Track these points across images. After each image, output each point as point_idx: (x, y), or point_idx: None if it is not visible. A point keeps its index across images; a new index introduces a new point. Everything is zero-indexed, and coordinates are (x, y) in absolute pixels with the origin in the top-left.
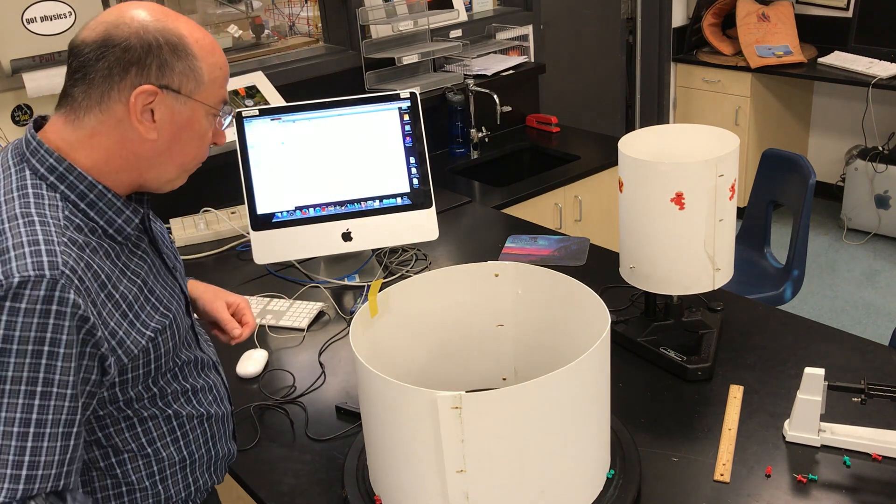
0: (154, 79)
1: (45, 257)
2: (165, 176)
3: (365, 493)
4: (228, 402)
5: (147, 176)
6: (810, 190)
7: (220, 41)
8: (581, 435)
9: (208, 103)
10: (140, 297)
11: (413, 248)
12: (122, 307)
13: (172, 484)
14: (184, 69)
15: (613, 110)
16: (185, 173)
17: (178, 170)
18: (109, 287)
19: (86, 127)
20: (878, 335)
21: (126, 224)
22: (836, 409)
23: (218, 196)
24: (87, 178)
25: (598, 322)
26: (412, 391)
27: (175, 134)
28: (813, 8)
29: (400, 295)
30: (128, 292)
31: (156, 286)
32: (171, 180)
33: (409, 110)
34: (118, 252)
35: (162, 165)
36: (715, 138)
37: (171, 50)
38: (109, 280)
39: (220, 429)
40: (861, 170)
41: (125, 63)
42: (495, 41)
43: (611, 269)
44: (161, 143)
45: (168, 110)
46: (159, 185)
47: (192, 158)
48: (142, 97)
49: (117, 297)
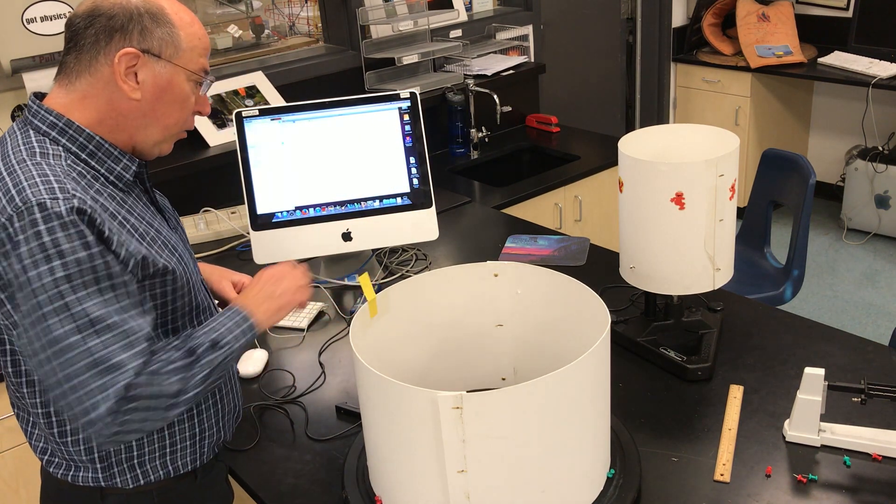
0: (136, 43)
1: (56, 184)
2: (153, 137)
3: (365, 493)
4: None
5: (136, 137)
6: (810, 190)
7: (219, 41)
8: (581, 434)
9: (188, 68)
10: (150, 233)
11: (413, 248)
12: (135, 235)
13: (179, 431)
14: (163, 35)
15: (613, 110)
16: (170, 137)
17: (162, 132)
18: (120, 218)
19: (78, 90)
20: (878, 335)
21: (125, 171)
22: (836, 409)
23: (218, 196)
24: (84, 131)
25: (598, 322)
26: (413, 391)
27: (157, 95)
28: (813, 8)
29: (400, 295)
30: (138, 226)
31: (162, 230)
32: (157, 142)
33: (409, 110)
34: (123, 198)
35: (148, 126)
36: (715, 138)
37: (152, 18)
38: (118, 213)
39: (227, 383)
40: (861, 170)
41: (110, 29)
42: (495, 41)
43: (611, 269)
44: (145, 103)
45: (150, 72)
46: (149, 148)
47: (175, 122)
48: (125, 58)
49: (128, 227)
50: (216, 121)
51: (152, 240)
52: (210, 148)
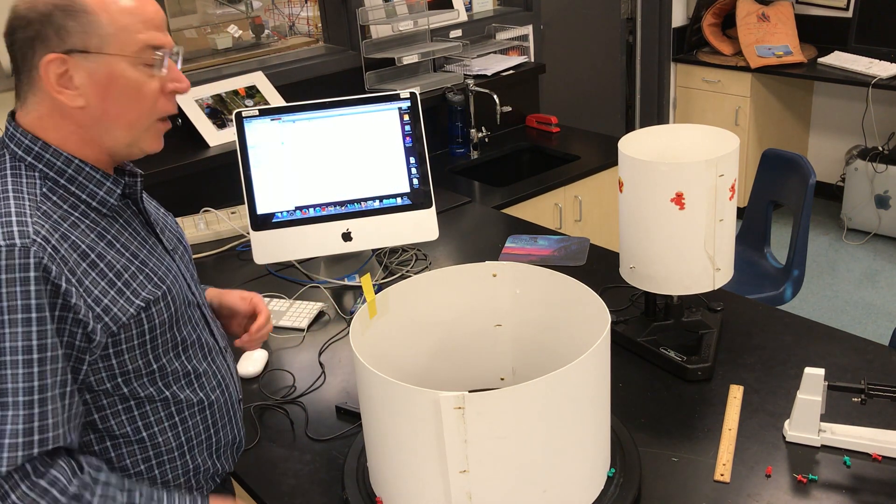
0: (56, 46)
1: (16, 227)
2: (122, 140)
3: (365, 494)
4: (236, 389)
5: (105, 144)
6: (810, 190)
7: (219, 41)
8: (582, 434)
9: (125, 53)
10: (130, 268)
11: (413, 248)
12: (108, 276)
13: (171, 469)
14: (81, 27)
15: (613, 110)
16: (147, 131)
17: (129, 131)
18: (93, 256)
19: (31, 111)
20: (878, 335)
21: (108, 195)
22: (836, 409)
23: (218, 196)
24: (62, 154)
25: (598, 322)
26: (414, 392)
27: (103, 94)
28: (813, 8)
29: (399, 295)
30: (115, 262)
31: (149, 259)
32: (130, 143)
33: (409, 110)
34: (106, 226)
35: (110, 130)
36: (715, 138)
37: (63, 12)
38: (93, 250)
39: (225, 416)
40: (861, 170)
41: (29, 40)
42: (495, 41)
43: (611, 269)
44: (94, 107)
45: (84, 73)
46: (125, 151)
47: (138, 116)
48: (51, 67)
49: (102, 266)
50: (216, 121)
51: (132, 276)
52: (210, 148)
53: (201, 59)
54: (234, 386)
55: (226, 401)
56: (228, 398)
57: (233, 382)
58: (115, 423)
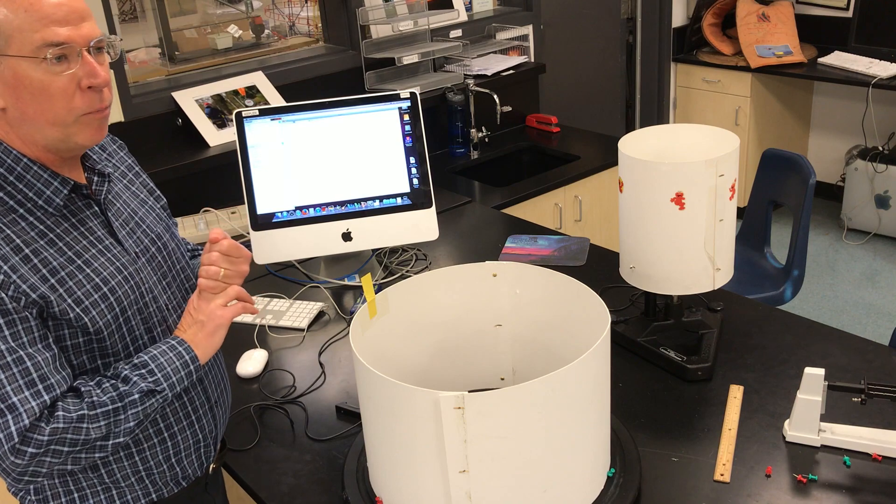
0: None
1: None
2: (53, 136)
3: (365, 494)
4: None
5: (41, 142)
6: (810, 190)
7: (219, 41)
8: (582, 434)
9: (23, 54)
10: (68, 266)
11: (413, 248)
12: (41, 271)
13: (119, 469)
14: None
15: (613, 110)
16: (75, 126)
17: (56, 127)
18: (27, 251)
19: None
20: (878, 335)
21: (54, 195)
22: (836, 409)
23: (218, 196)
24: (12, 152)
25: (598, 322)
26: (414, 391)
27: (15, 96)
28: (813, 8)
29: (399, 295)
30: (52, 259)
31: (94, 261)
32: (63, 139)
33: (409, 110)
34: (51, 225)
35: (37, 128)
36: (715, 138)
37: None
38: (28, 245)
39: (184, 417)
40: (861, 170)
41: None
42: (495, 41)
43: (611, 269)
44: (13, 108)
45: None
46: (65, 146)
47: (56, 114)
48: None
49: (36, 261)
50: (216, 121)
51: (69, 275)
52: (210, 148)
53: (201, 59)
54: (201, 389)
55: (184, 404)
56: (190, 401)
57: (199, 386)
58: None
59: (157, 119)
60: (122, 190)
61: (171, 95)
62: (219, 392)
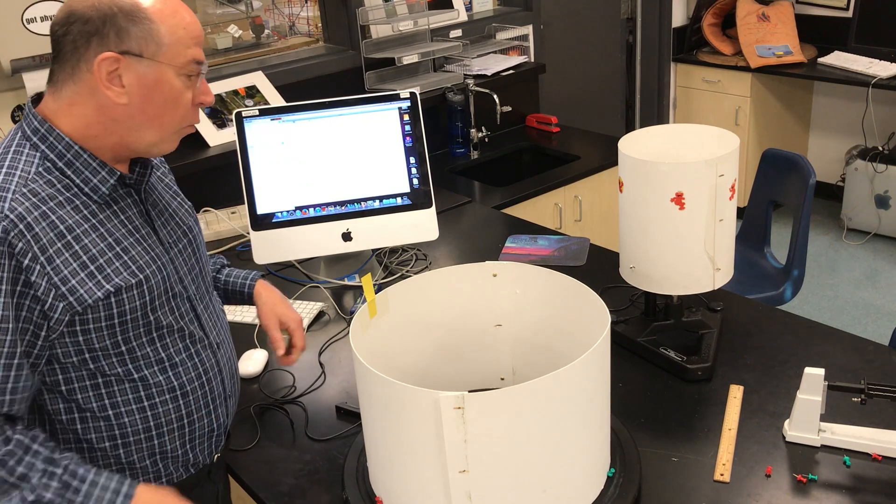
0: (114, 46)
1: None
2: (147, 139)
3: (365, 494)
4: (224, 384)
5: (128, 139)
6: (810, 190)
7: (219, 41)
8: (582, 434)
9: (175, 63)
10: (108, 253)
11: (413, 248)
12: (81, 258)
13: (136, 451)
14: (142, 33)
15: (613, 110)
16: (172, 135)
17: (158, 132)
18: (69, 237)
19: (64, 98)
20: (878, 335)
21: (101, 184)
22: (836, 409)
23: (218, 196)
24: (64, 139)
25: (598, 322)
26: (414, 392)
27: (146, 96)
28: (813, 8)
29: (399, 295)
30: (92, 246)
31: (132, 248)
32: (154, 143)
33: (409, 110)
34: (95, 210)
35: (140, 128)
36: (715, 138)
37: (126, 17)
38: (71, 231)
39: (203, 407)
40: (861, 170)
41: (86, 34)
42: (495, 41)
43: (611, 269)
44: (134, 106)
45: (134, 74)
46: (146, 149)
47: (170, 121)
48: (105, 64)
49: (77, 247)
50: (216, 121)
51: (108, 261)
52: (210, 148)
53: None
54: (220, 380)
55: (205, 392)
56: (210, 391)
57: (219, 377)
58: (82, 398)
59: None
60: (157, 181)
61: None
62: (232, 385)
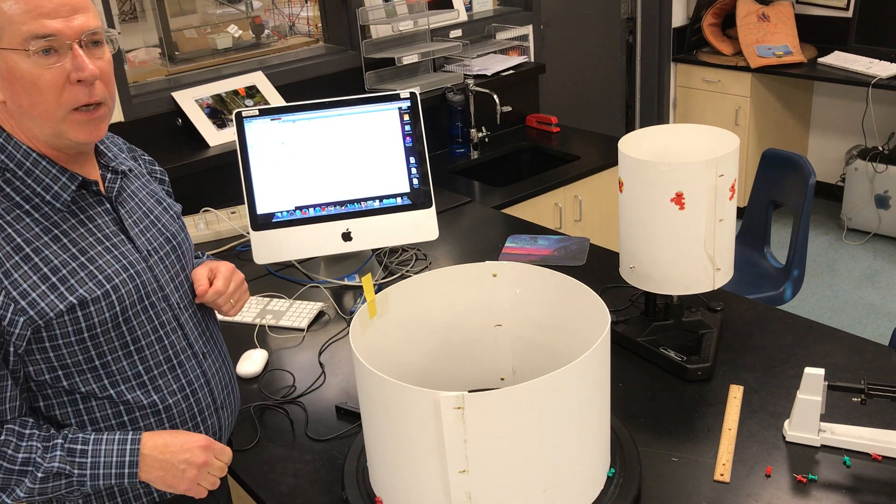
0: None
1: None
2: (47, 130)
3: (365, 494)
4: (214, 394)
5: (39, 137)
6: (810, 190)
7: (219, 41)
8: (582, 434)
9: (12, 47)
10: (71, 263)
11: (413, 248)
12: (42, 270)
13: None
14: None
15: (613, 110)
16: (65, 122)
17: (46, 122)
18: (28, 250)
19: None
20: (878, 335)
21: (62, 190)
22: (836, 409)
23: (218, 196)
24: (22, 147)
25: (598, 322)
26: (414, 392)
27: (10, 88)
28: (813, 8)
29: (399, 295)
30: (54, 257)
31: (100, 257)
32: (55, 134)
33: (409, 110)
34: (58, 220)
35: (34, 122)
36: (715, 138)
37: None
38: (30, 244)
39: (188, 421)
40: (861, 170)
41: None
42: (495, 41)
43: (611, 269)
44: (10, 101)
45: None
46: (59, 143)
47: (46, 108)
48: None
49: (37, 260)
50: (216, 121)
51: (71, 272)
52: (210, 148)
53: (201, 59)
54: (208, 391)
55: (190, 405)
56: (196, 403)
57: (206, 388)
58: (60, 414)
59: (157, 119)
60: (139, 188)
61: (171, 95)
62: (225, 394)
